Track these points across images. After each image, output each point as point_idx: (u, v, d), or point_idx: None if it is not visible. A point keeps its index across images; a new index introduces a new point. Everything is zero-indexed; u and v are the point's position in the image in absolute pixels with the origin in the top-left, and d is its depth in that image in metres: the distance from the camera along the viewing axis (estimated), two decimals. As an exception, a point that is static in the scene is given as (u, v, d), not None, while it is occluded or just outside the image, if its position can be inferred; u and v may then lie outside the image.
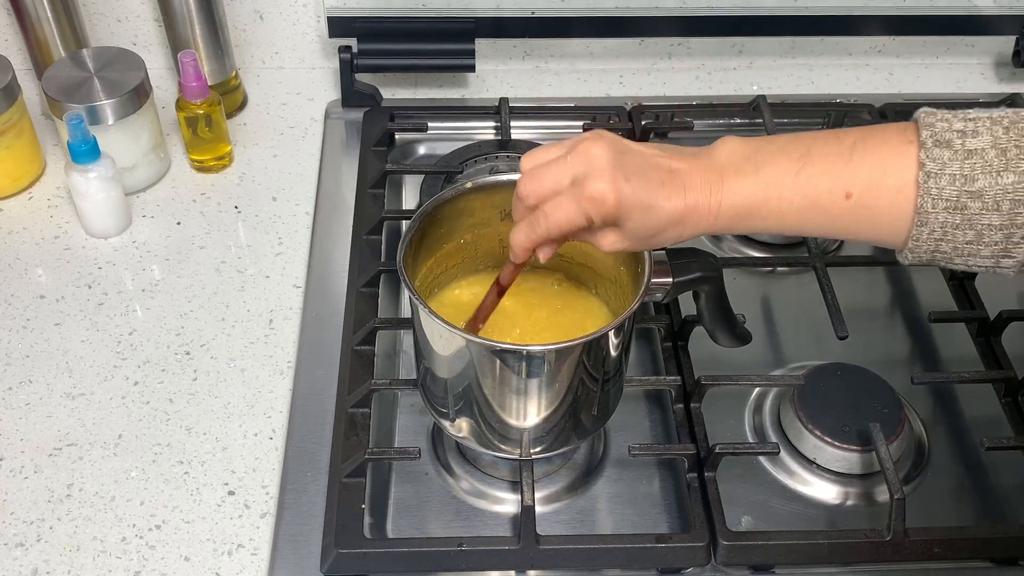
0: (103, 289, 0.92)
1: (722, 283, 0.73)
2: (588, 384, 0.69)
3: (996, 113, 0.57)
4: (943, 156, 0.56)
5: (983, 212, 0.56)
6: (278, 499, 0.77)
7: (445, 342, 0.68)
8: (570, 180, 0.61)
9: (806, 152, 0.60)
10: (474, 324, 0.72)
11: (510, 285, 0.70)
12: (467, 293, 0.79)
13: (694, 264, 0.71)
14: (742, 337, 0.78)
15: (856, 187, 0.59)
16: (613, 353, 0.70)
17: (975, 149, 0.56)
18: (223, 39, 1.07)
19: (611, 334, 0.67)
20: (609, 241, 0.63)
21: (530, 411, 0.69)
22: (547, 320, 0.77)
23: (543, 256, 0.65)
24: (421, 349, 0.71)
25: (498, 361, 0.66)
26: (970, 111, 0.58)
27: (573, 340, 0.65)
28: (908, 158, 0.58)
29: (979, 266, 0.59)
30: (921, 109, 0.59)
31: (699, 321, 0.77)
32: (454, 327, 0.65)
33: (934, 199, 0.57)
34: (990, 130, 0.56)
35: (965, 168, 0.56)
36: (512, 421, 0.70)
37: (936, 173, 0.56)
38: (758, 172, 0.60)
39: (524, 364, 0.66)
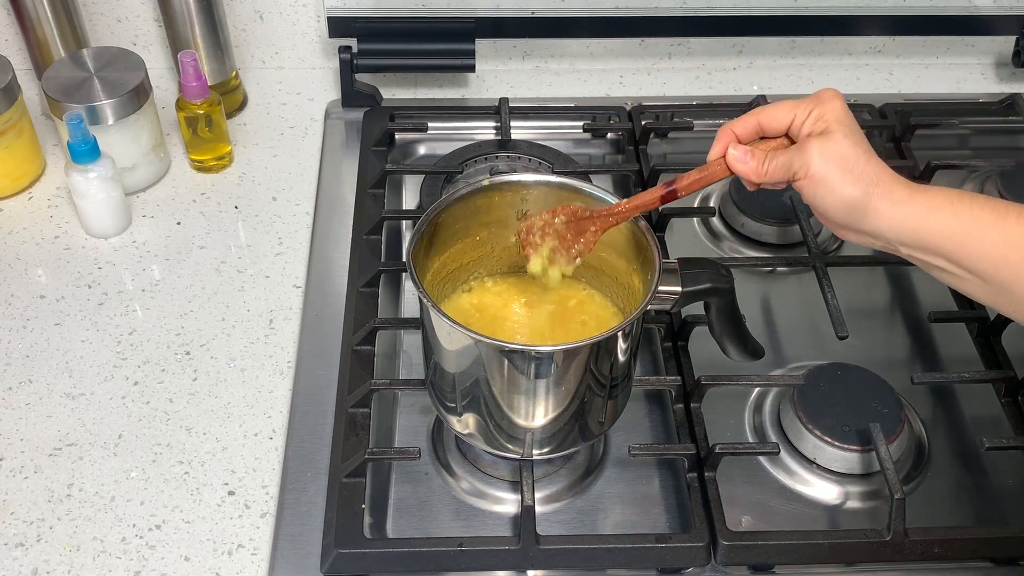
0: (103, 289, 0.92)
1: (733, 296, 0.73)
2: (595, 388, 0.69)
3: None
4: None
5: None
6: (278, 499, 0.77)
7: (453, 340, 0.68)
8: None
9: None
10: (629, 206, 0.71)
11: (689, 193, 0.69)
12: (482, 291, 0.79)
13: (704, 275, 0.71)
14: (754, 352, 0.77)
15: None
16: (621, 358, 0.70)
17: None
18: (223, 39, 1.07)
19: (619, 338, 0.67)
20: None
21: (537, 412, 0.69)
22: (559, 324, 0.77)
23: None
24: (430, 344, 0.71)
25: (506, 361, 0.66)
26: None
27: (580, 341, 0.65)
28: None
29: None
30: None
31: (710, 332, 0.77)
32: (461, 325, 0.65)
33: None
34: None
35: None
36: (519, 421, 0.70)
37: None
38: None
39: (531, 364, 0.66)
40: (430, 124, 1.07)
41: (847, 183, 0.62)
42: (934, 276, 0.64)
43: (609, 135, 1.11)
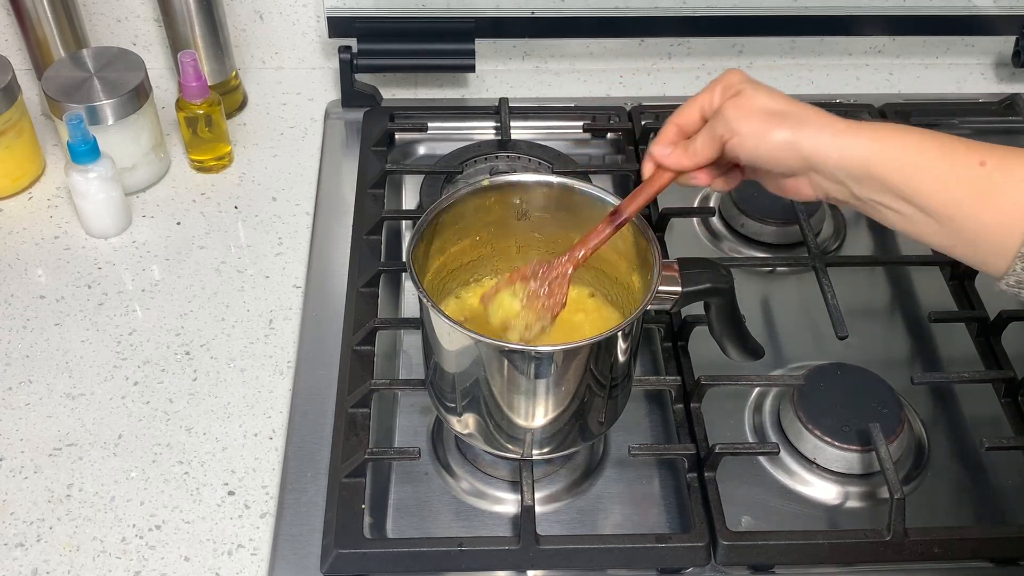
0: (103, 289, 0.92)
1: (733, 296, 0.73)
2: (595, 388, 0.69)
3: None
4: None
5: None
6: (278, 499, 0.77)
7: (453, 340, 0.68)
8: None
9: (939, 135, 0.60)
10: (588, 249, 0.69)
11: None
12: (482, 291, 0.78)
13: (705, 275, 0.70)
14: (753, 352, 0.77)
15: (990, 158, 0.57)
16: (621, 358, 0.70)
17: None
18: (223, 39, 1.07)
19: (619, 338, 0.67)
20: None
21: (537, 412, 0.69)
22: (558, 324, 0.77)
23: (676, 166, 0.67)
24: (430, 344, 0.71)
25: (506, 361, 0.66)
26: None
27: (580, 341, 0.65)
28: None
29: None
30: None
31: (710, 332, 0.77)
32: (461, 325, 0.65)
33: None
34: None
35: None
36: (519, 421, 0.70)
37: None
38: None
39: (531, 364, 0.66)
40: (430, 124, 1.07)
41: (773, 125, 0.61)
42: (887, 222, 0.62)
43: (609, 135, 1.11)
